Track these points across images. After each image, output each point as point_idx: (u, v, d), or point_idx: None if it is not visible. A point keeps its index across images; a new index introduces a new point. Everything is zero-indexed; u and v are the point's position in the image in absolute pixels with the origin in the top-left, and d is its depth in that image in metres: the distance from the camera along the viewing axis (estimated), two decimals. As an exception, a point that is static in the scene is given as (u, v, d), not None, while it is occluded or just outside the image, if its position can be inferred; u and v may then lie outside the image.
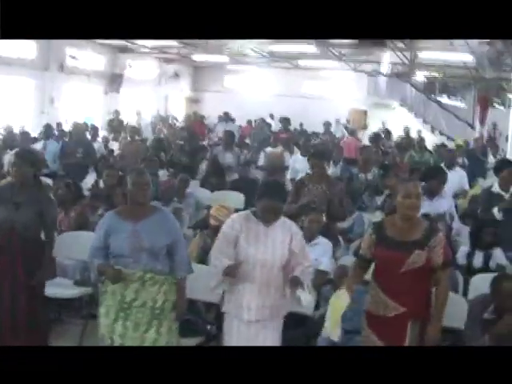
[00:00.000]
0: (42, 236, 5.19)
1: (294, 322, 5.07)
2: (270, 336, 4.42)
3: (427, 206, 6.31)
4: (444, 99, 26.89)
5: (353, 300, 5.18)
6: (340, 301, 4.41)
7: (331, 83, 27.20)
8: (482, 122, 19.82)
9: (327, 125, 18.31)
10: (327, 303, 5.24)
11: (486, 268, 6.06)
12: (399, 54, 19.32)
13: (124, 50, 22.28)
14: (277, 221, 4.43)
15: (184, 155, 11.28)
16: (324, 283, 5.43)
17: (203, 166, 10.99)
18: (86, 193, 7.68)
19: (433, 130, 24.54)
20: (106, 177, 7.66)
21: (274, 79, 27.97)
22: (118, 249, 4.33)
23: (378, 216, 7.72)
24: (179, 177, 8.46)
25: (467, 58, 17.15)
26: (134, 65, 23.30)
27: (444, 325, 4.42)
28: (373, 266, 4.51)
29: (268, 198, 4.36)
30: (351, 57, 22.74)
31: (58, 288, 5.97)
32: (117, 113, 18.94)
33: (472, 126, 23.65)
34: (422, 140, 14.33)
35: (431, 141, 19.14)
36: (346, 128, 20.27)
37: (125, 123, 17.44)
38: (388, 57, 22.61)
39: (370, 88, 26.10)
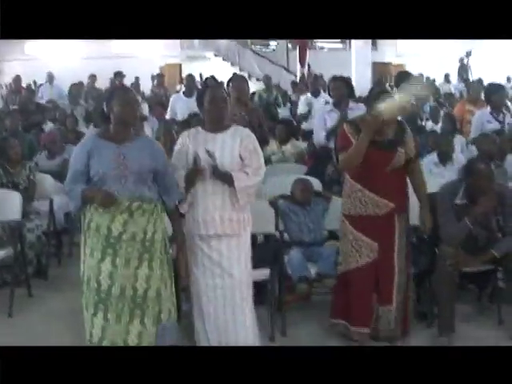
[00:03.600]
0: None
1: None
2: (235, 252, 4.15)
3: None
4: (257, 46, 27.29)
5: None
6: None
7: (143, 41, 26.39)
8: (303, 63, 20.27)
9: (159, 76, 17.68)
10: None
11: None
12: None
13: None
14: (227, 128, 4.20)
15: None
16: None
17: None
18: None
19: (250, 76, 24.85)
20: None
21: (81, 41, 26.63)
22: (102, 171, 3.81)
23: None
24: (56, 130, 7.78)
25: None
26: None
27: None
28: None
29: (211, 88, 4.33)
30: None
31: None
32: None
33: (287, 69, 24.31)
34: (268, 79, 14.31)
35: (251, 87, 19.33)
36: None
37: None
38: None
39: (183, 41, 25.73)
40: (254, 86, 21.19)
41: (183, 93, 9.21)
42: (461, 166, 5.14)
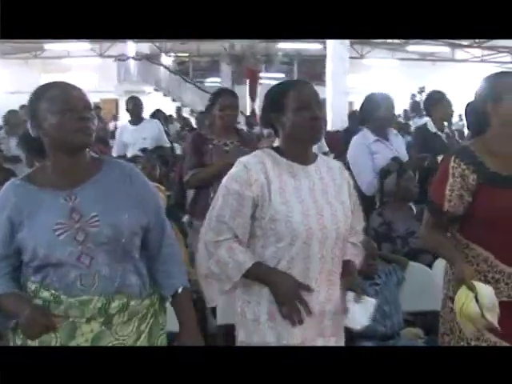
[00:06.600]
0: None
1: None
2: None
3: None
4: (199, 79, 26.11)
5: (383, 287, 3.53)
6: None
7: (76, 73, 24.69)
8: (253, 96, 19.03)
9: (96, 108, 16.45)
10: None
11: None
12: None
13: None
14: (315, 158, 2.42)
15: None
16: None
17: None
18: None
19: (192, 111, 23.58)
20: None
21: (7, 73, 24.81)
22: (45, 251, 2.02)
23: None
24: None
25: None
26: None
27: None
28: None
29: (300, 85, 2.41)
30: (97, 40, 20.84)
31: None
32: None
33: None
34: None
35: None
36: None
37: None
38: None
39: (120, 74, 24.13)
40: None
41: (129, 121, 7.28)
42: None
